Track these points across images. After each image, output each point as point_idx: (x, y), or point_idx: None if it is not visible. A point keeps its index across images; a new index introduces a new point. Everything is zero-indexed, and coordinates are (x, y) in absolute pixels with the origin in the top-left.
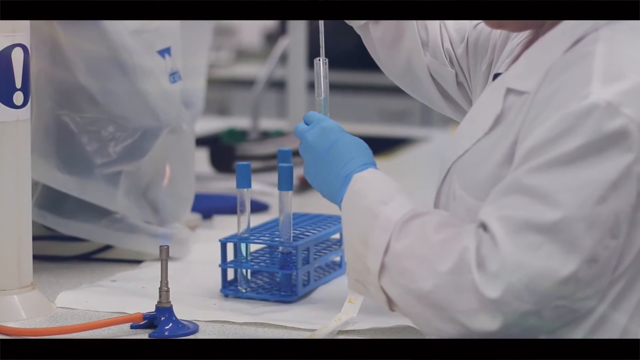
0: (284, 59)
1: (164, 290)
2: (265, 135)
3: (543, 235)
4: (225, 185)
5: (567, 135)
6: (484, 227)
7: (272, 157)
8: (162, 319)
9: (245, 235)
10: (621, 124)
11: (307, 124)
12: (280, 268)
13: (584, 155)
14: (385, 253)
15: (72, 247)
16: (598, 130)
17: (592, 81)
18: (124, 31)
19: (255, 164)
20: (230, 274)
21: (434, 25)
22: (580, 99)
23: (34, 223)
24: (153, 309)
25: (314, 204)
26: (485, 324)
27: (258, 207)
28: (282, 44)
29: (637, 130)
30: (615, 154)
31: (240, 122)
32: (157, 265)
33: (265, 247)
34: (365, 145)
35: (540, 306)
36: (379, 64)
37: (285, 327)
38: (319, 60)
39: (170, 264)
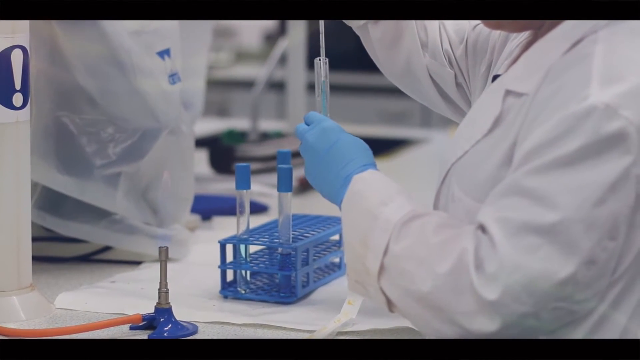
0: (283, 60)
1: (163, 291)
2: (265, 137)
3: (541, 237)
4: (225, 186)
5: (566, 137)
6: (482, 228)
7: (272, 158)
8: (162, 320)
9: (245, 236)
10: (620, 126)
11: (308, 125)
12: (279, 269)
13: (582, 157)
14: (385, 254)
15: (71, 248)
16: (597, 132)
17: (591, 83)
18: (123, 32)
19: (254, 165)
20: (230, 275)
21: (433, 26)
22: (579, 101)
23: (33, 224)
24: (152, 310)
25: (314, 205)
26: (483, 326)
27: (257, 208)
28: (282, 45)
29: (636, 132)
30: (614, 156)
31: (240, 123)
32: (157, 267)
33: (264, 249)
34: (366, 145)
35: (539, 308)
36: (378, 65)
37: (285, 328)
38: (319, 60)
39: (169, 265)
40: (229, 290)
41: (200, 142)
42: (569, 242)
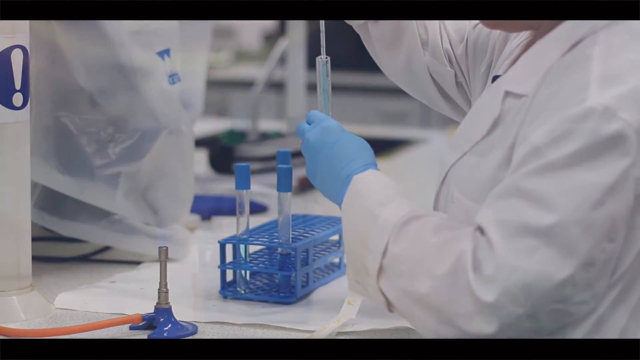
0: (283, 60)
1: (162, 291)
2: (265, 137)
3: (539, 239)
4: (225, 186)
5: (564, 139)
6: (480, 230)
7: (271, 158)
8: (161, 320)
9: (245, 236)
10: (618, 128)
11: (309, 124)
12: (279, 269)
13: (580, 159)
14: (384, 255)
15: (71, 248)
16: (595, 134)
17: (590, 85)
18: (123, 32)
19: (254, 165)
20: (229, 275)
21: (433, 25)
22: (578, 103)
23: (33, 224)
24: (152, 310)
25: (314, 205)
26: (481, 327)
27: (257, 208)
28: (281, 45)
29: (634, 134)
30: (612, 158)
31: (240, 123)
32: (156, 267)
33: (264, 249)
34: (367, 144)
35: (536, 310)
36: (378, 64)
37: (284, 329)
38: (321, 58)
39: (169, 265)
40: (228, 290)
41: (200, 142)
42: (567, 244)
